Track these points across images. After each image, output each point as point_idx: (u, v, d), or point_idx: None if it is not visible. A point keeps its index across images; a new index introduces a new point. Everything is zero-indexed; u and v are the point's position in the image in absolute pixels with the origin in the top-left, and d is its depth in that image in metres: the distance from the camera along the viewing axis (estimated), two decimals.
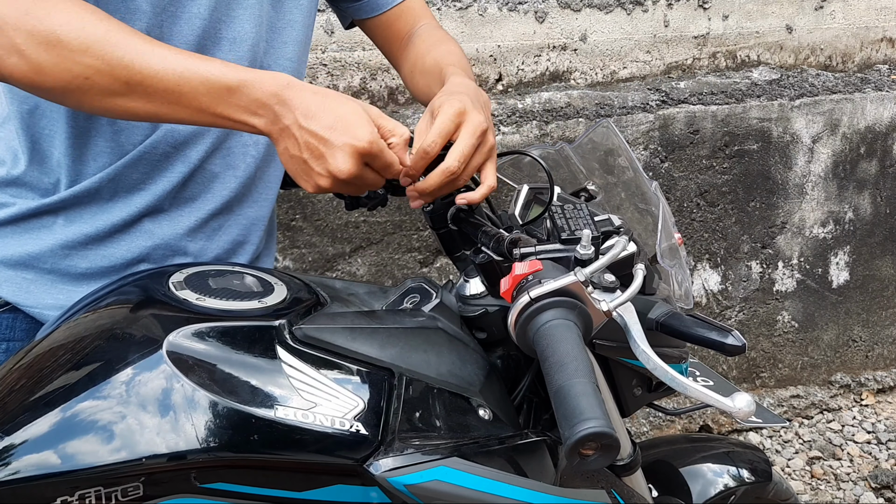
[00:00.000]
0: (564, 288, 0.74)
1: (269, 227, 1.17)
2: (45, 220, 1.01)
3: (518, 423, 0.94)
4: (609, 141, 1.10)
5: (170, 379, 0.73)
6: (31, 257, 1.01)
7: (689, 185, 2.31)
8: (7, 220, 1.02)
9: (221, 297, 0.83)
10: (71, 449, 0.69)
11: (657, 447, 1.35)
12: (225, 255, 1.09)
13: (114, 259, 1.03)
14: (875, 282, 2.64)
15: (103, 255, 1.02)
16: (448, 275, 2.14)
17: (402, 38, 1.25)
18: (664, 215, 0.97)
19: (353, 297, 0.96)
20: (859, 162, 2.49)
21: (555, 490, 0.89)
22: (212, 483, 0.73)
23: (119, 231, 1.02)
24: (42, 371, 0.76)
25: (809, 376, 2.65)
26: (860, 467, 2.44)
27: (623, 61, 2.39)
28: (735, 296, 2.46)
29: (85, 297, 0.90)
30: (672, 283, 1.00)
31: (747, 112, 2.32)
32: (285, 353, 0.79)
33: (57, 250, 1.01)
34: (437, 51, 1.17)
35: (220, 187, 1.06)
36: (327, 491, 0.78)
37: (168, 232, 1.04)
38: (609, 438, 0.62)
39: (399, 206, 2.05)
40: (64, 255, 1.01)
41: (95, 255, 1.02)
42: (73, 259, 1.02)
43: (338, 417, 0.77)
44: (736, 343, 0.86)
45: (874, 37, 2.67)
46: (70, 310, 0.88)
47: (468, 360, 0.91)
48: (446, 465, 0.80)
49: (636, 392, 1.05)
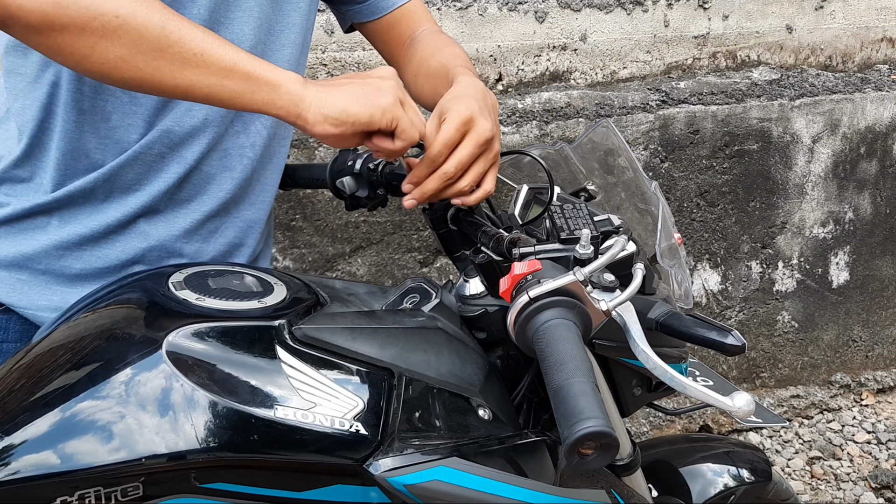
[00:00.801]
0: (563, 287, 0.74)
1: (266, 229, 1.17)
2: (40, 220, 1.01)
3: (518, 423, 0.94)
4: (609, 141, 1.10)
5: (169, 379, 0.73)
6: (24, 258, 1.01)
7: (689, 185, 2.31)
8: (1, 220, 1.01)
9: (221, 297, 0.83)
10: (71, 449, 0.69)
11: (657, 447, 1.35)
12: (221, 257, 1.09)
13: (108, 260, 1.02)
14: (875, 282, 2.64)
15: (98, 256, 1.02)
16: (448, 275, 2.14)
17: (404, 43, 1.24)
18: (664, 215, 0.97)
19: (352, 297, 0.96)
20: (859, 162, 2.49)
21: (555, 490, 0.89)
22: (212, 483, 0.73)
23: (114, 232, 1.02)
24: (42, 371, 0.76)
25: (809, 376, 2.65)
26: (860, 467, 2.44)
27: (623, 61, 2.39)
28: (735, 296, 2.46)
29: (84, 297, 0.89)
30: (672, 283, 1.00)
31: (747, 112, 2.32)
32: (285, 353, 0.79)
33: (51, 251, 1.01)
34: (442, 54, 1.16)
35: (217, 189, 1.05)
36: (327, 491, 0.78)
37: (164, 233, 1.03)
38: (608, 438, 0.62)
39: (399, 207, 2.05)
40: (58, 255, 1.01)
41: (90, 256, 1.02)
42: (67, 260, 1.01)
43: (337, 417, 0.77)
44: (736, 343, 0.86)
45: (874, 37, 2.67)
46: (69, 310, 0.88)
47: (468, 360, 0.91)
48: (446, 465, 0.80)
49: (636, 392, 1.05)
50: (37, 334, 0.88)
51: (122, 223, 1.02)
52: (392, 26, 1.24)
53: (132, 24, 0.79)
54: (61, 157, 0.99)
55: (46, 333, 0.84)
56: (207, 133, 1.02)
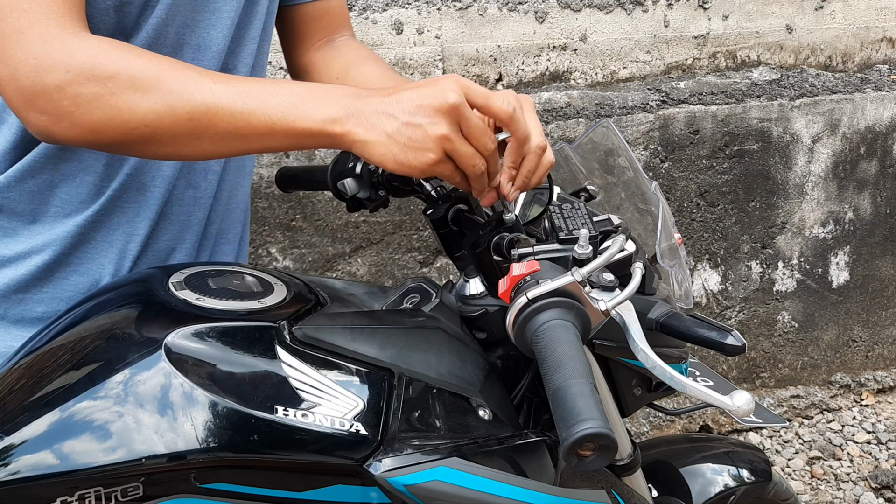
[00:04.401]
0: (562, 288, 0.74)
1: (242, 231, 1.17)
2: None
3: (518, 423, 0.94)
4: (609, 141, 1.10)
5: (169, 379, 0.73)
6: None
7: (689, 185, 2.31)
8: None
9: (221, 297, 0.83)
10: (70, 449, 0.69)
11: (657, 447, 1.35)
12: None
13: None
14: (875, 282, 2.63)
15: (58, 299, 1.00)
16: (448, 275, 2.14)
17: (317, 40, 1.19)
18: (664, 215, 0.96)
19: (352, 297, 0.96)
20: (859, 162, 2.49)
21: (555, 490, 0.89)
22: (212, 483, 0.73)
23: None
24: (42, 371, 0.76)
25: (809, 376, 2.65)
26: (860, 467, 2.44)
27: (623, 61, 2.39)
28: (735, 296, 2.46)
29: (84, 297, 0.89)
30: (672, 283, 1.00)
31: (747, 112, 2.32)
32: (285, 353, 0.79)
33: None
34: (376, 64, 1.13)
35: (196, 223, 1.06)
36: (327, 491, 0.78)
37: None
38: (606, 439, 0.62)
39: (399, 206, 2.05)
40: (18, 299, 0.99)
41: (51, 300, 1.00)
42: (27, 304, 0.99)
43: (337, 417, 0.77)
44: (736, 343, 0.86)
45: (874, 37, 2.67)
46: (69, 310, 0.88)
47: (468, 360, 0.91)
48: (446, 465, 0.80)
49: (636, 392, 1.05)
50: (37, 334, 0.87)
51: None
52: (312, 18, 1.17)
53: (163, 126, 0.79)
54: (29, 225, 0.98)
55: (46, 334, 0.84)
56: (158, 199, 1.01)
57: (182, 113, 0.78)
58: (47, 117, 0.78)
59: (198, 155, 0.84)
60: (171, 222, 1.03)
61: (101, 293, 0.89)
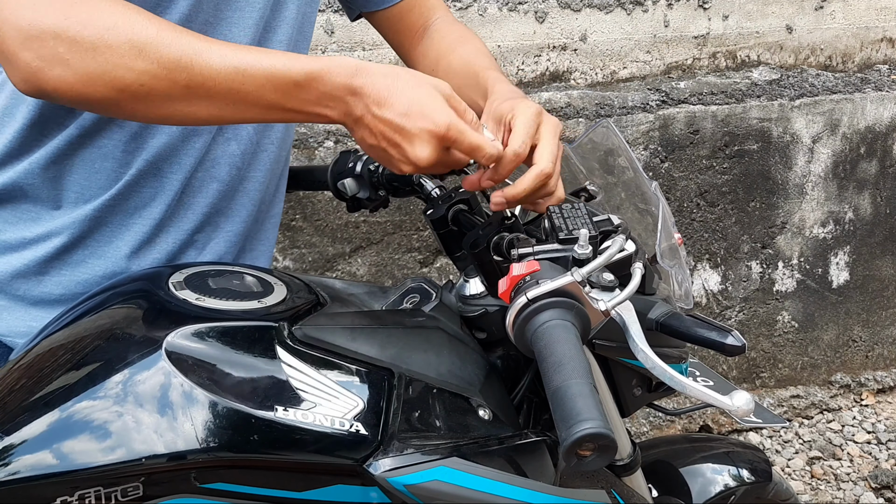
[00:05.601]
0: (562, 288, 0.74)
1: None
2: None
3: (518, 423, 0.94)
4: (609, 141, 1.10)
5: (169, 379, 0.73)
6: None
7: (689, 185, 2.31)
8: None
9: (221, 298, 0.84)
10: (70, 449, 0.69)
11: (657, 447, 1.35)
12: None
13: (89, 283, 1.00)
14: (875, 282, 2.64)
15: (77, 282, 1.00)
16: (448, 275, 2.14)
17: (416, 32, 1.19)
18: (664, 215, 0.96)
19: (352, 297, 0.96)
20: (859, 162, 2.49)
21: (555, 490, 0.89)
22: (212, 483, 0.73)
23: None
24: (42, 371, 0.76)
25: (809, 376, 2.65)
26: (860, 467, 2.44)
27: (623, 61, 2.39)
28: (735, 296, 2.46)
29: (83, 297, 0.89)
30: (672, 283, 1.00)
31: (747, 112, 2.32)
32: (285, 353, 0.79)
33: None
34: (464, 49, 1.12)
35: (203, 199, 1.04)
36: (327, 491, 0.78)
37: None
38: (606, 439, 0.63)
39: (399, 206, 2.05)
40: (38, 281, 0.99)
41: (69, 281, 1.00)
42: (46, 285, 0.99)
43: (337, 417, 0.77)
44: (736, 343, 0.86)
45: (874, 37, 2.67)
46: (69, 310, 0.88)
47: (468, 360, 0.91)
48: (446, 465, 0.80)
49: (636, 392, 1.05)
50: (36, 335, 0.87)
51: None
52: (404, 15, 1.18)
53: (158, 84, 0.78)
54: (47, 208, 0.98)
55: (46, 334, 0.84)
56: (181, 172, 1.00)
57: (179, 70, 0.78)
58: (40, 62, 0.77)
59: (191, 119, 0.82)
60: (188, 208, 1.03)
61: (101, 293, 0.89)
